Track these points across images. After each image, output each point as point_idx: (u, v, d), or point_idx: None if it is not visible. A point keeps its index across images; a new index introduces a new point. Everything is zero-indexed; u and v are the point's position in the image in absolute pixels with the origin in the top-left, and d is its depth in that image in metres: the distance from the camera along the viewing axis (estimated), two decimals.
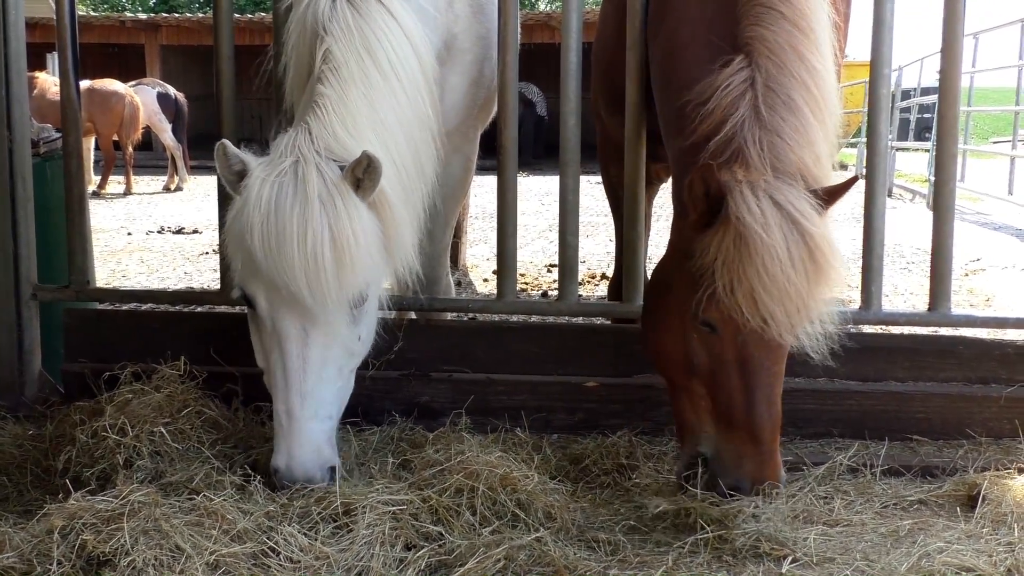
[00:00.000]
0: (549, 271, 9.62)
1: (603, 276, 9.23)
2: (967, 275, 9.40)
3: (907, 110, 22.96)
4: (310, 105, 3.68)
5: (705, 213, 3.36)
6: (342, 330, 3.59)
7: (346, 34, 3.76)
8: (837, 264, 3.37)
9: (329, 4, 3.82)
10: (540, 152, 25.30)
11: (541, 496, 3.50)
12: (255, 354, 3.70)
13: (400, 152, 3.82)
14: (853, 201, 4.90)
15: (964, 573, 2.94)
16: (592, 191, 13.34)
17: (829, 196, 3.41)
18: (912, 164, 22.48)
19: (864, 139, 22.83)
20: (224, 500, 3.25)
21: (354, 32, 3.77)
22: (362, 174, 3.49)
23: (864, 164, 4.41)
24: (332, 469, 3.54)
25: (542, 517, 3.44)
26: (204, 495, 3.27)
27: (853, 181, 3.47)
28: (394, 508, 3.31)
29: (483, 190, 12.27)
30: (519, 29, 4.87)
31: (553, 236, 11.80)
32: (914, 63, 21.66)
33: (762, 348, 3.42)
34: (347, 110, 3.65)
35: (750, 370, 3.45)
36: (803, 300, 3.30)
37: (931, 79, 21.58)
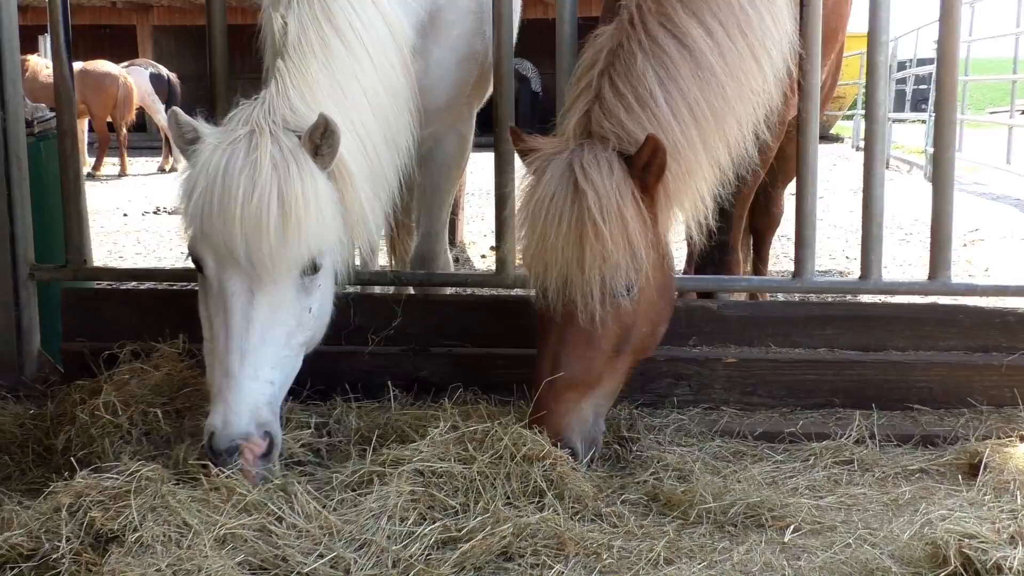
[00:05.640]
0: None
1: None
2: (965, 245, 9.41)
3: (903, 81, 22.91)
4: (269, 78, 3.64)
5: None
6: (290, 296, 3.48)
7: (305, 5, 3.71)
8: (613, 231, 3.46)
9: None
10: (536, 128, 25.18)
11: (576, 481, 3.46)
12: (202, 325, 3.57)
13: (365, 122, 3.75)
14: (850, 173, 4.88)
15: (967, 540, 2.93)
16: None
17: (631, 161, 3.52)
18: (908, 136, 22.44)
19: (860, 111, 22.64)
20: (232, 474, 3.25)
21: (314, 1, 3.71)
22: (320, 139, 3.43)
23: (861, 136, 4.43)
24: (270, 436, 3.39)
25: (570, 501, 3.41)
26: (218, 470, 3.26)
27: (649, 141, 3.48)
28: (425, 476, 3.35)
29: (478, 167, 12.21)
30: (516, 2, 4.84)
31: None
32: (910, 34, 21.57)
33: (551, 305, 3.60)
34: (304, 81, 3.60)
35: (544, 325, 3.67)
36: (566, 263, 3.48)
37: (927, 50, 21.56)
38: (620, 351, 3.68)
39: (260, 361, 3.39)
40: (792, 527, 3.33)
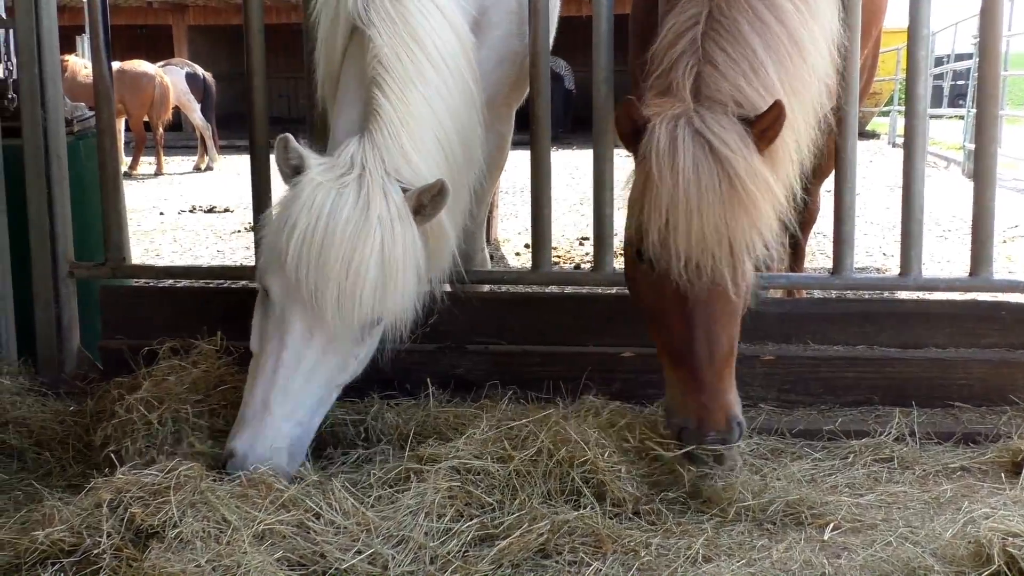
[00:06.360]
0: (581, 244, 9.59)
1: None
2: (1005, 242, 9.30)
3: (940, 77, 22.71)
4: (370, 113, 3.58)
5: (637, 149, 3.40)
6: (346, 344, 3.50)
7: (389, 25, 3.65)
8: (762, 195, 3.30)
9: None
10: (569, 126, 25.16)
11: (616, 483, 3.45)
12: (251, 334, 3.59)
13: (454, 150, 3.74)
14: (886, 169, 4.83)
15: (1011, 538, 2.90)
16: (623, 164, 13.22)
17: (753, 124, 3.36)
18: (946, 132, 22.23)
19: (897, 107, 22.38)
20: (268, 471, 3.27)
21: (397, 21, 3.66)
22: (428, 200, 3.44)
23: (897, 133, 4.37)
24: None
25: (610, 504, 3.40)
26: (256, 466, 3.28)
27: (776, 106, 3.35)
28: (461, 473, 3.36)
29: (512, 165, 12.20)
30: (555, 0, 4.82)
31: (583, 210, 11.75)
32: (948, 28, 21.36)
33: (697, 284, 3.36)
34: (411, 117, 3.56)
35: (687, 307, 3.38)
36: (716, 233, 3.27)
37: (965, 45, 21.32)
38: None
39: (299, 403, 3.44)
40: (832, 525, 3.31)
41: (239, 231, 11.10)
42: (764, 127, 3.36)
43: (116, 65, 17.92)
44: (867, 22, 4.68)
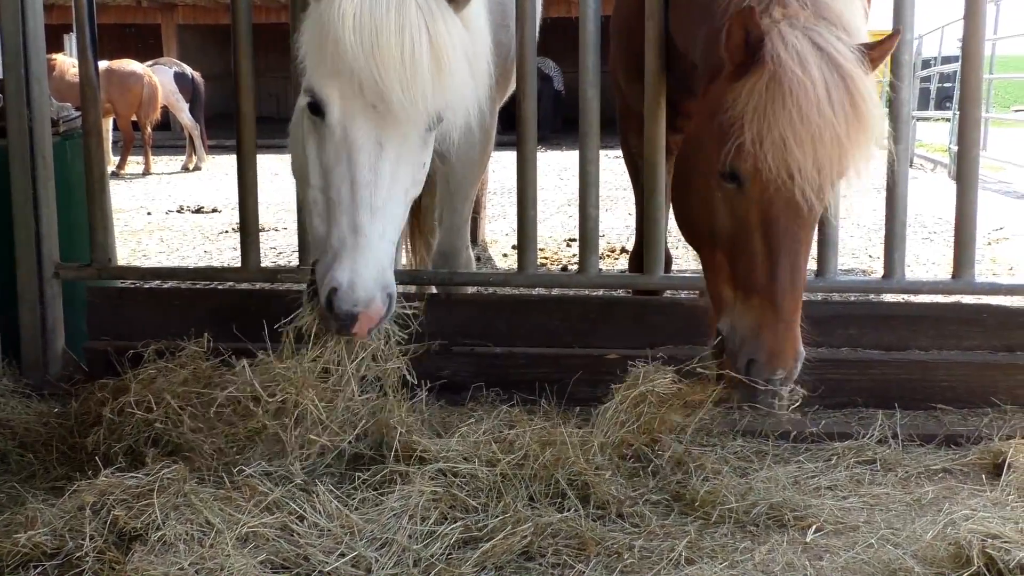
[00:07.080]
0: (568, 245, 9.60)
1: (623, 250, 9.21)
2: (989, 244, 9.35)
3: (927, 79, 22.77)
4: None
5: (743, 63, 3.20)
6: (415, 149, 3.34)
7: None
8: (879, 113, 3.19)
9: None
10: (558, 127, 25.18)
11: (602, 486, 3.46)
12: (307, 170, 3.39)
13: None
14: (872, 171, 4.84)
15: (991, 540, 2.92)
16: (610, 165, 13.26)
17: (873, 48, 3.24)
18: (932, 134, 22.29)
19: (883, 110, 22.51)
20: (253, 472, 3.28)
21: None
22: None
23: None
24: (391, 297, 3.27)
25: (594, 507, 3.42)
26: (239, 468, 3.30)
27: (895, 35, 3.28)
28: (447, 476, 3.36)
29: (500, 165, 12.26)
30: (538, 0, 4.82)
31: (571, 211, 11.76)
32: (934, 31, 21.42)
33: (789, 209, 3.20)
34: None
35: (773, 232, 3.23)
36: (838, 149, 3.13)
37: (952, 48, 21.40)
38: None
39: (387, 218, 3.26)
40: (814, 527, 3.33)
41: (227, 231, 11.08)
42: (879, 54, 3.26)
43: (104, 64, 17.88)
44: None
